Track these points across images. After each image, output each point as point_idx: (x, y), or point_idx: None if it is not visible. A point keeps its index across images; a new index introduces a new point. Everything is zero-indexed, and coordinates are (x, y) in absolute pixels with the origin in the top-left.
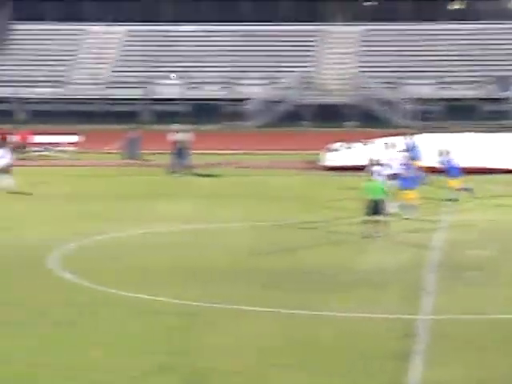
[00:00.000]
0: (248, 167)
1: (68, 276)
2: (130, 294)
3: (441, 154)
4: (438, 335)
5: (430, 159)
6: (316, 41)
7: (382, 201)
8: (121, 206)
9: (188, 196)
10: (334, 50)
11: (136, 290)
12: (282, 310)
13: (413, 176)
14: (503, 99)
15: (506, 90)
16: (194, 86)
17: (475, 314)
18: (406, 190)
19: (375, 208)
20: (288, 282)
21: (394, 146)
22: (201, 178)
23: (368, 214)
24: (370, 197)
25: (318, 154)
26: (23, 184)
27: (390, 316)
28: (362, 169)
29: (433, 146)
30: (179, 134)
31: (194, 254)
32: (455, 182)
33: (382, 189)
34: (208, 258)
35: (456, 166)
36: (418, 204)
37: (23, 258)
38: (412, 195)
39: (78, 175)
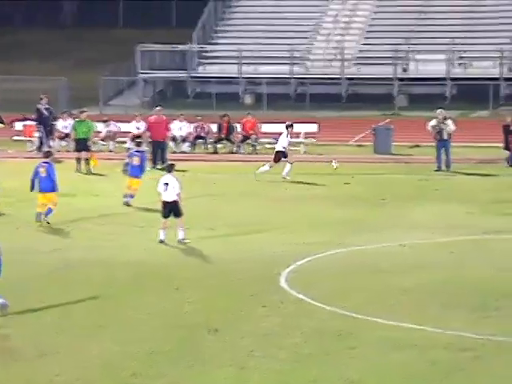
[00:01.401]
0: None
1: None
2: (390, 323)
3: None
4: None
5: None
6: None
7: None
8: (374, 212)
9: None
10: None
11: (394, 317)
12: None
13: None
14: None
15: None
16: (462, 62)
17: None
18: None
19: None
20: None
21: None
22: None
23: None
24: None
25: None
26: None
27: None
28: None
29: None
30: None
31: (464, 272)
32: None
33: None
34: (481, 278)
35: None
36: None
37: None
38: None
39: (315, 173)
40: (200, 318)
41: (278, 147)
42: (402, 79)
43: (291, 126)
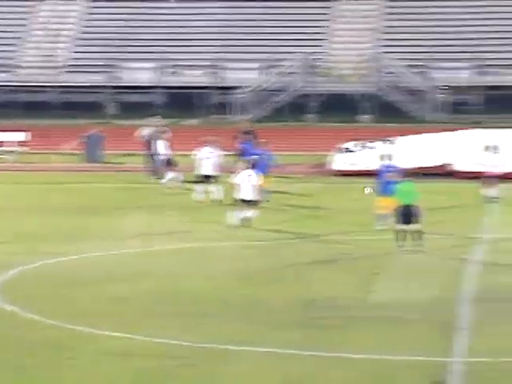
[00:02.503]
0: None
1: (13, 309)
2: (98, 332)
3: (382, 158)
4: (477, 383)
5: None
6: (325, 14)
7: (417, 207)
8: (88, 221)
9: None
10: (347, 26)
11: (108, 326)
12: (284, 350)
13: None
14: None
15: None
16: (171, 70)
17: None
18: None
19: (409, 215)
20: (289, 316)
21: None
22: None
23: (400, 222)
24: (404, 202)
25: (326, 156)
26: None
27: (416, 358)
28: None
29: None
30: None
31: (173, 281)
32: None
33: (416, 192)
34: (189, 287)
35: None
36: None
37: None
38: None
39: (26, 182)
40: None
41: None
42: (114, 87)
43: None
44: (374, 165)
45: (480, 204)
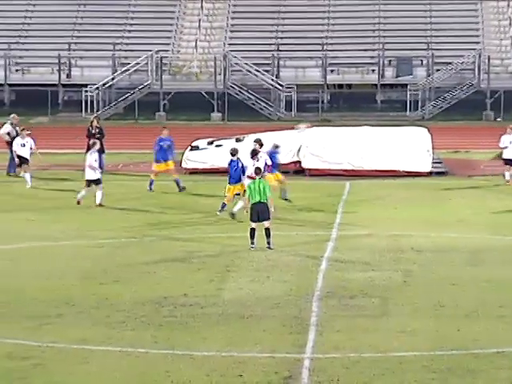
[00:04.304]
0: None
1: None
2: None
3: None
4: (324, 378)
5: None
6: (174, 12)
7: (267, 204)
8: None
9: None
10: (196, 24)
11: None
12: (135, 349)
13: None
14: (402, 85)
15: (407, 74)
16: (18, 68)
17: (368, 351)
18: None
19: (259, 213)
20: (140, 315)
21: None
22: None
23: (253, 220)
24: (255, 200)
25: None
26: None
27: (265, 354)
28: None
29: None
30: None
31: (14, 281)
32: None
33: (269, 189)
34: (32, 287)
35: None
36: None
37: None
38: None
39: None
40: None
41: None
42: None
43: None
44: (222, 162)
45: (331, 201)
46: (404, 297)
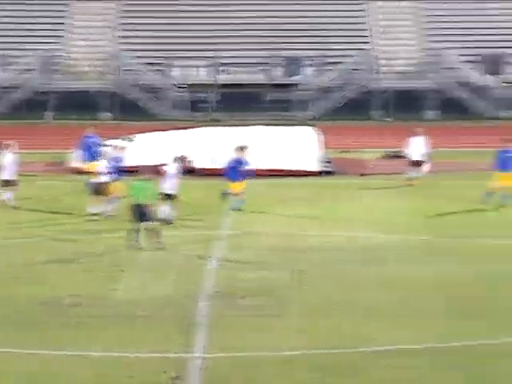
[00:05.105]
0: None
1: None
2: None
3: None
4: (213, 378)
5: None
6: (63, 11)
7: (151, 205)
8: None
9: None
10: (86, 24)
11: None
12: (24, 350)
13: None
14: (291, 85)
15: (296, 74)
16: None
17: (258, 350)
18: None
19: (143, 213)
20: (30, 316)
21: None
22: None
23: (135, 220)
24: (137, 200)
25: (63, 154)
26: None
27: (154, 355)
28: (127, 171)
29: (208, 143)
30: None
31: None
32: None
33: (152, 190)
34: None
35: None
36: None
37: None
38: None
39: None
40: None
41: None
42: None
43: None
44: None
45: (221, 201)
46: (298, 296)
